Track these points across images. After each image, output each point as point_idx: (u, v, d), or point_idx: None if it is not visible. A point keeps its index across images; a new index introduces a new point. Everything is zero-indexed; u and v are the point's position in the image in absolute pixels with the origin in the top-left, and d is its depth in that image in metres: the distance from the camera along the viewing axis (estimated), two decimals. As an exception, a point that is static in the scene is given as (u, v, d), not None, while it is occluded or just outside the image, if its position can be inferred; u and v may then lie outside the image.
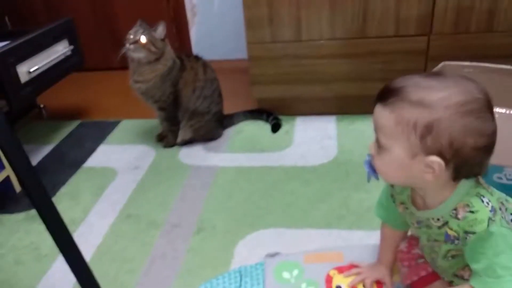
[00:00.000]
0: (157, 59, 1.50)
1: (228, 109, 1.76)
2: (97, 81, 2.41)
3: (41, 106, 2.01)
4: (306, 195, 1.31)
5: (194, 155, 1.60)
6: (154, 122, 1.82)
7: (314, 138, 1.63)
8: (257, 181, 1.40)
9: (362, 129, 1.65)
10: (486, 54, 1.52)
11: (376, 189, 0.90)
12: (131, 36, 1.46)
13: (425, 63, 1.60)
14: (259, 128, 1.75)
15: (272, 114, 1.77)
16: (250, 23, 1.63)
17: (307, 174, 1.41)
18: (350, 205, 1.24)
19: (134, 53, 1.46)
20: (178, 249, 1.15)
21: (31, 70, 1.50)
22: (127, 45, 1.45)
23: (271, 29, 1.62)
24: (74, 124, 1.92)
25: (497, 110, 1.04)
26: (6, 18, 2.08)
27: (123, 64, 1.59)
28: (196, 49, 2.43)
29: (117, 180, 1.48)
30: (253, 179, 1.41)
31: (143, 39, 1.45)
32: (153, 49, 1.47)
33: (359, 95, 1.71)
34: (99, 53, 2.44)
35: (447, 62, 1.34)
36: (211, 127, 1.66)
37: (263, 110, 1.80)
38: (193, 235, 1.19)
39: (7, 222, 1.32)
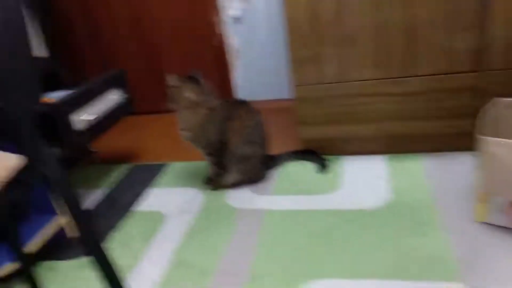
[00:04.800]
0: (196, 108, 1.54)
1: (272, 149, 1.76)
2: (147, 124, 2.49)
3: (94, 151, 2.08)
4: (361, 242, 1.26)
5: (241, 198, 1.59)
6: (201, 164, 1.84)
7: (364, 179, 1.58)
8: (307, 225, 1.37)
9: (414, 169, 1.59)
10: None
11: (437, 235, 0.84)
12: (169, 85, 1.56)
13: (476, 100, 1.54)
14: (305, 169, 1.73)
15: (319, 154, 1.75)
16: (296, 65, 1.64)
17: (361, 219, 1.36)
18: (410, 252, 1.18)
19: (169, 104, 1.56)
20: (231, 299, 1.12)
21: (85, 118, 1.57)
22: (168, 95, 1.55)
23: (317, 70, 1.63)
24: (125, 168, 1.97)
25: None
26: (62, 71, 2.21)
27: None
28: (239, 91, 2.47)
29: (166, 225, 1.49)
30: (303, 223, 1.38)
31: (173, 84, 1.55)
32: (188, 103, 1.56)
33: (408, 133, 1.66)
34: (148, 98, 2.53)
35: (497, 98, 1.29)
36: (258, 170, 1.66)
37: (309, 150, 1.78)
38: (247, 285, 1.16)
39: (61, 269, 1.34)
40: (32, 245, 1.31)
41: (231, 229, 1.41)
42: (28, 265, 1.20)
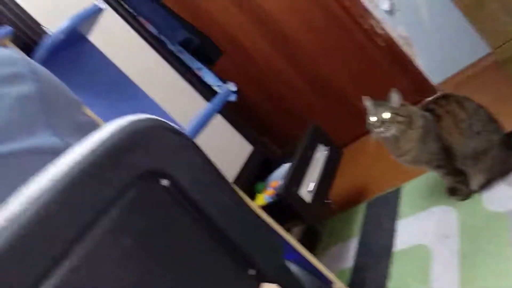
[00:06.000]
0: (408, 126, 1.41)
1: (507, 123, 1.48)
2: (353, 155, 2.45)
3: (328, 202, 2.16)
4: None
5: (502, 198, 1.37)
6: (433, 175, 1.69)
7: None
8: None
9: None
10: None
11: None
12: (374, 119, 1.43)
13: None
14: None
15: None
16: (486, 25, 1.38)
17: None
18: None
19: (386, 133, 1.42)
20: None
21: (310, 188, 1.66)
22: (376, 130, 1.43)
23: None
24: (362, 208, 1.98)
25: None
26: (271, 145, 2.43)
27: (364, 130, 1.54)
28: (432, 75, 2.24)
29: (435, 258, 1.40)
30: None
31: (386, 115, 1.40)
32: (400, 119, 1.40)
33: None
34: (341, 129, 2.52)
35: None
36: (503, 158, 1.42)
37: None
38: None
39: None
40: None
41: (510, 241, 1.22)
42: None
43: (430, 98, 1.51)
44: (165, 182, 0.46)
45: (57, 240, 0.37)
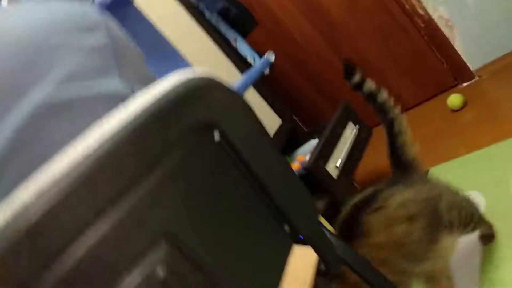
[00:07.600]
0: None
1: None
2: (381, 137, 2.44)
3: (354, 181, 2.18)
4: None
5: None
6: (463, 159, 1.68)
7: None
8: None
9: None
10: None
11: None
12: None
13: None
14: None
15: None
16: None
17: None
18: None
19: None
20: None
21: (337, 164, 1.68)
22: None
23: None
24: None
25: None
26: (298, 121, 2.45)
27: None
28: (469, 59, 2.19)
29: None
30: None
31: None
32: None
33: None
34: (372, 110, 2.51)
35: None
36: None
37: None
38: None
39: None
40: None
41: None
42: None
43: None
44: (217, 135, 0.49)
45: (125, 175, 0.40)
